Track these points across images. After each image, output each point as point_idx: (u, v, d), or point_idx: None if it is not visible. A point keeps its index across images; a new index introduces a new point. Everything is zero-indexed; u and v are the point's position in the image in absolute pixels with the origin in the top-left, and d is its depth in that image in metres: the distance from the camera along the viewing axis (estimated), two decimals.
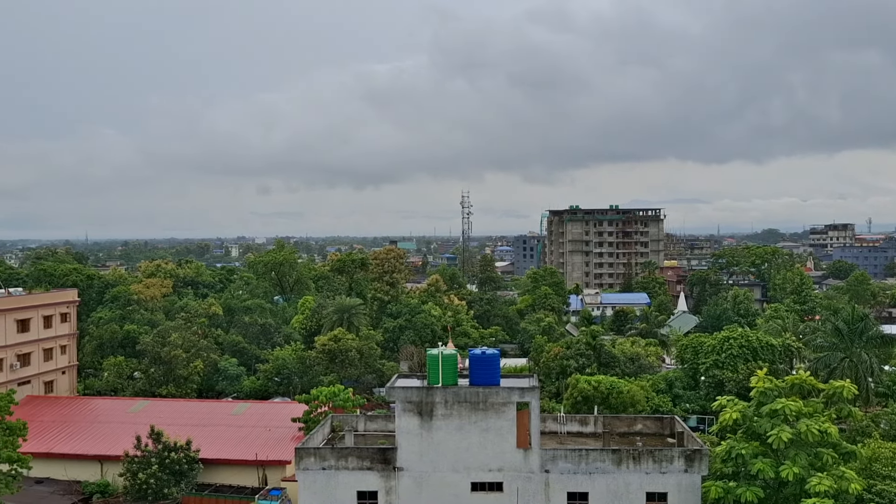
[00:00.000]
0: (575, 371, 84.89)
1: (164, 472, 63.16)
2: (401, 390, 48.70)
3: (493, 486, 47.87)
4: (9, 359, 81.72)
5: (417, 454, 47.96)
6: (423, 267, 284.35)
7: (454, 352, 50.72)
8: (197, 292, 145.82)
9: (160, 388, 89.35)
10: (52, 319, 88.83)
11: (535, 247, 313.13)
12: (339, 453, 48.76)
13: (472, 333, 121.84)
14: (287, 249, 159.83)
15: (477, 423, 47.73)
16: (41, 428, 71.45)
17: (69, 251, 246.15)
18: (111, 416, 77.33)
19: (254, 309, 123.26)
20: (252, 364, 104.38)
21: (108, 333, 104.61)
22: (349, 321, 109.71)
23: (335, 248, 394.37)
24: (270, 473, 66.27)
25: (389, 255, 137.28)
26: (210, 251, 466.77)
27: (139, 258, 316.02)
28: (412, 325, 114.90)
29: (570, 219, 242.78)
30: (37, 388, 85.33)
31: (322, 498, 48.21)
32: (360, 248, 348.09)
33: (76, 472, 68.74)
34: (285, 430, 71.12)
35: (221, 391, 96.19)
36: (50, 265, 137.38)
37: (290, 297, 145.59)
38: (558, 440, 54.35)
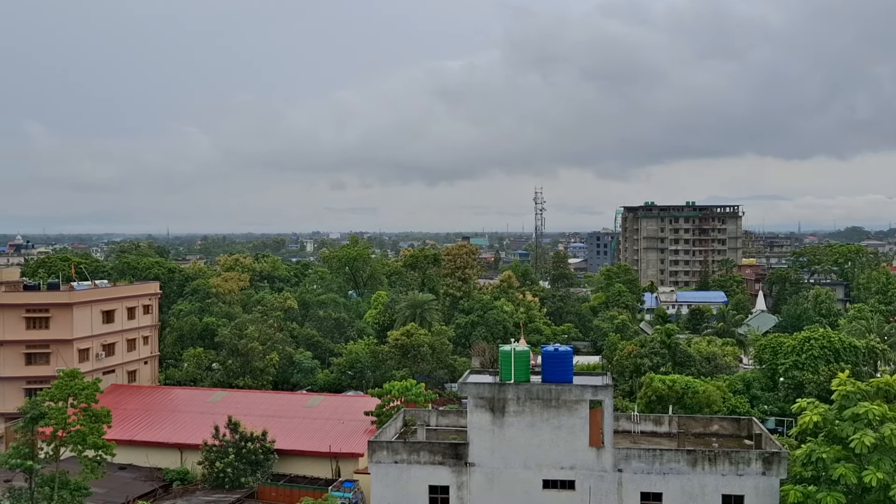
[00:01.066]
0: (649, 370, 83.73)
1: (241, 461, 64.58)
2: (473, 386, 48.75)
3: (564, 483, 47.57)
4: (95, 348, 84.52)
5: (489, 450, 47.95)
6: (495, 263, 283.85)
7: (526, 348, 50.53)
8: (273, 286, 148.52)
9: (237, 379, 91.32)
10: (135, 311, 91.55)
11: (609, 243, 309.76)
12: (412, 447, 49.08)
13: (544, 330, 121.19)
14: (361, 245, 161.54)
15: (549, 420, 47.48)
16: (124, 416, 73.75)
17: (151, 245, 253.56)
18: (190, 405, 79.38)
19: (328, 303, 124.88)
20: (326, 357, 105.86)
21: (188, 325, 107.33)
22: (421, 316, 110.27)
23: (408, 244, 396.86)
24: (343, 465, 67.14)
25: (462, 251, 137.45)
26: (286, 246, 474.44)
27: (218, 252, 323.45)
28: (484, 321, 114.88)
29: (645, 215, 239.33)
30: (121, 378, 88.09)
31: (394, 491, 48.61)
32: (433, 243, 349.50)
33: (157, 459, 70.78)
34: (358, 423, 71.94)
35: (296, 384, 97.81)
36: (133, 258, 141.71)
37: (363, 291, 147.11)
38: (632, 439, 53.69)
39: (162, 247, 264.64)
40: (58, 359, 79.73)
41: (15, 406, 71.66)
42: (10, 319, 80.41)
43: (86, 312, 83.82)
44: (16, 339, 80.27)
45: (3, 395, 79.44)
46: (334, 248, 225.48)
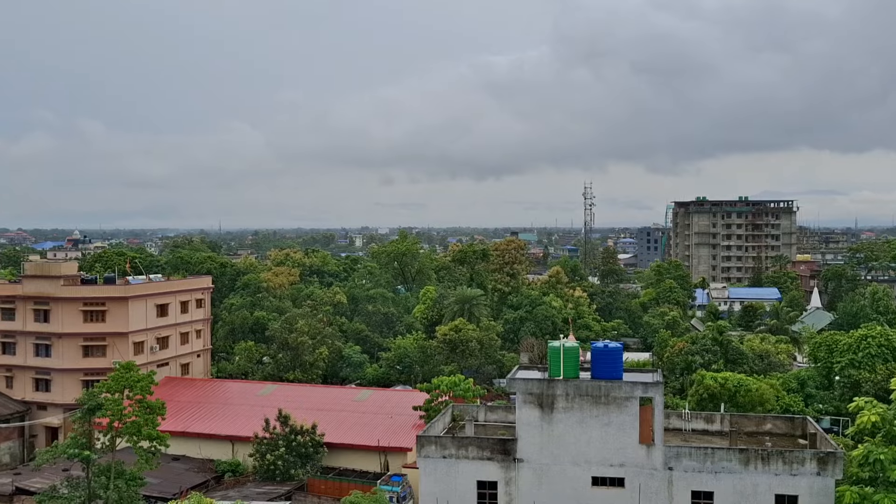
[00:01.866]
0: (700, 367, 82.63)
1: (291, 454, 65.28)
2: (521, 382, 48.66)
3: (614, 481, 47.26)
4: (149, 341, 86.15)
5: (538, 446, 47.83)
6: (543, 258, 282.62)
7: (576, 344, 50.25)
8: (322, 281, 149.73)
9: (287, 373, 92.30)
10: (188, 305, 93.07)
11: (660, 239, 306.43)
12: (460, 442, 49.17)
13: (593, 326, 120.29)
14: (409, 240, 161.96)
15: (598, 416, 47.19)
16: (178, 408, 75.02)
17: (204, 240, 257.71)
18: (242, 398, 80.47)
19: (377, 298, 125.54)
20: (375, 352, 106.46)
21: (240, 319, 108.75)
22: (470, 312, 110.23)
23: (456, 239, 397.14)
24: (392, 459, 67.47)
25: (510, 247, 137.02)
26: (335, 241, 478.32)
27: (268, 247, 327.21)
28: (533, 316, 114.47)
29: (697, 210, 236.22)
30: (174, 370, 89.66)
31: (442, 486, 48.75)
32: (482, 238, 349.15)
33: (209, 450, 71.91)
34: (406, 417, 72.21)
35: (345, 377, 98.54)
36: (186, 253, 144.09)
37: (411, 286, 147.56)
38: (682, 437, 53.11)
39: (214, 242, 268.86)
40: (114, 351, 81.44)
41: (73, 397, 73.45)
42: (68, 312, 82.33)
43: (140, 306, 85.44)
44: (74, 331, 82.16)
45: (62, 387, 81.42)
46: (383, 243, 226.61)
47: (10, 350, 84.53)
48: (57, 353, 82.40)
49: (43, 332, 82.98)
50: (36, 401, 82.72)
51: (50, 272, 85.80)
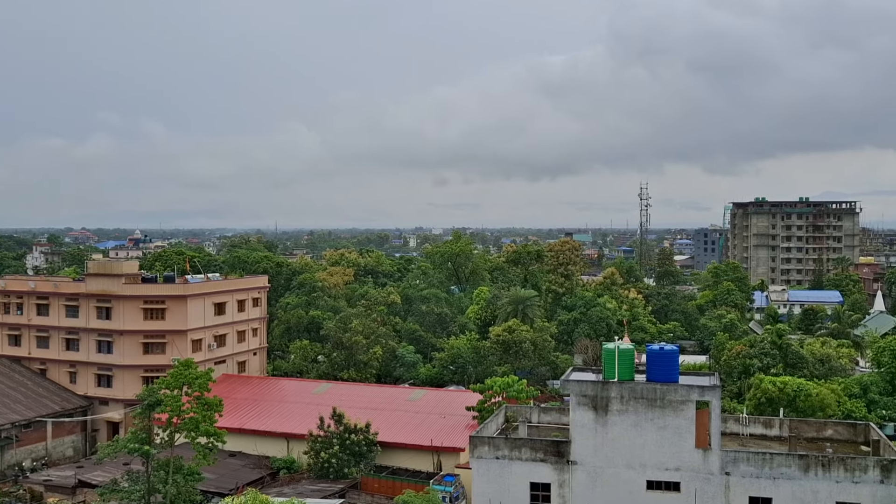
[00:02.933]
0: (759, 371, 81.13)
1: (345, 452, 65.79)
2: (575, 384, 48.32)
3: (669, 485, 46.65)
4: (207, 339, 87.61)
5: (592, 449, 47.44)
6: (598, 259, 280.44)
7: (631, 346, 49.75)
8: (377, 281, 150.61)
9: (342, 371, 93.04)
10: (245, 304, 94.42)
11: (717, 240, 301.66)
12: (513, 444, 49.01)
13: (648, 328, 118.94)
14: (463, 240, 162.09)
15: (654, 420, 46.62)
16: (234, 405, 76.15)
17: (260, 240, 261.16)
18: (297, 396, 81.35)
19: (430, 298, 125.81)
20: (428, 352, 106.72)
21: (295, 318, 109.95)
22: (523, 312, 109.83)
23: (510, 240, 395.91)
24: (445, 459, 67.56)
25: (565, 247, 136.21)
26: (389, 241, 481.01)
27: (324, 247, 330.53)
28: (587, 318, 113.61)
29: (756, 211, 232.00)
30: (231, 368, 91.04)
31: (495, 487, 48.64)
32: (536, 239, 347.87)
33: (265, 447, 72.85)
34: (459, 417, 72.24)
35: (399, 377, 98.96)
36: (243, 252, 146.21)
37: (465, 287, 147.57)
38: (740, 442, 52.20)
39: (270, 241, 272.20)
40: (173, 349, 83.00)
41: (133, 393, 75.01)
42: (129, 310, 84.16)
43: (199, 304, 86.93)
44: (135, 328, 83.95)
45: (123, 383, 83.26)
46: (437, 243, 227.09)
47: (74, 346, 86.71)
48: (118, 349, 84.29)
49: (105, 329, 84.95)
50: (98, 396, 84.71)
51: (112, 271, 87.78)
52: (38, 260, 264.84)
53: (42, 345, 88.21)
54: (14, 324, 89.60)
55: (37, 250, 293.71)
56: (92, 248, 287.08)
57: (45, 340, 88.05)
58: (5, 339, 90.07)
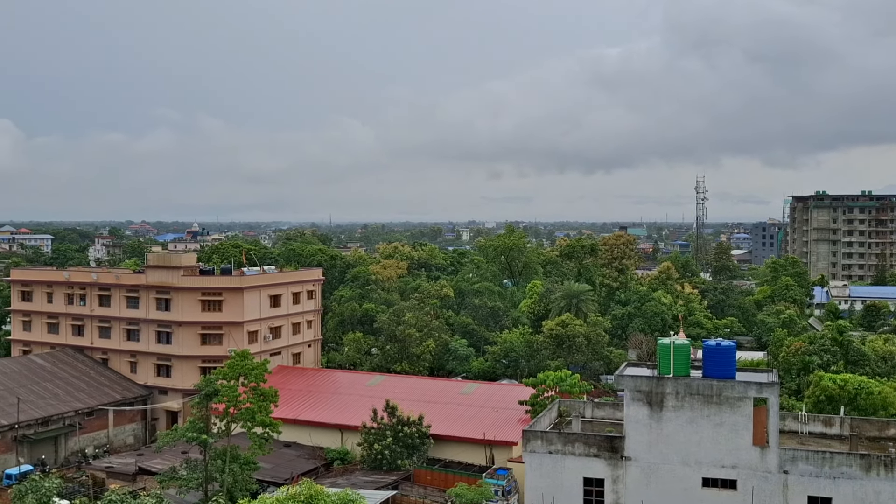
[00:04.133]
0: (818, 368, 79.43)
1: (398, 444, 66.15)
2: (630, 379, 47.91)
3: (725, 483, 46.02)
4: (263, 331, 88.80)
5: (646, 444, 47.00)
6: (653, 254, 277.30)
7: (686, 342, 49.12)
8: (430, 274, 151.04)
9: (395, 364, 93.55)
10: (300, 296, 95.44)
11: (776, 235, 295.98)
12: (566, 438, 48.79)
13: (704, 324, 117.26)
14: (516, 234, 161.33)
15: (710, 416, 45.99)
16: (289, 396, 77.08)
17: (315, 233, 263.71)
18: (350, 388, 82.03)
19: (483, 292, 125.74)
20: (481, 345, 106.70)
21: (349, 311, 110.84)
22: (577, 307, 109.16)
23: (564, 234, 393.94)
24: (497, 453, 67.50)
25: (619, 241, 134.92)
26: (442, 235, 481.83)
27: (377, 240, 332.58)
28: (641, 312, 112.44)
29: (816, 205, 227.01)
30: (286, 359, 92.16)
31: (548, 481, 48.50)
32: (590, 233, 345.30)
33: (319, 438, 73.63)
34: (512, 411, 72.11)
35: (451, 370, 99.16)
36: (298, 246, 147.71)
37: (518, 281, 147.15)
38: (798, 440, 51.22)
39: (325, 235, 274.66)
40: (229, 340, 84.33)
41: (192, 383, 76.43)
42: (187, 302, 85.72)
43: (255, 296, 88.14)
44: (193, 320, 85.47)
45: (182, 373, 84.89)
46: (490, 237, 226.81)
47: (135, 337, 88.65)
48: (177, 340, 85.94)
49: (164, 321, 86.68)
50: (157, 385, 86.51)
51: (171, 263, 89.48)
52: (100, 252, 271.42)
53: (104, 335, 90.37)
54: (77, 314, 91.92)
55: (99, 243, 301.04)
56: (151, 241, 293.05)
57: (107, 331, 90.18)
58: (69, 329, 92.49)
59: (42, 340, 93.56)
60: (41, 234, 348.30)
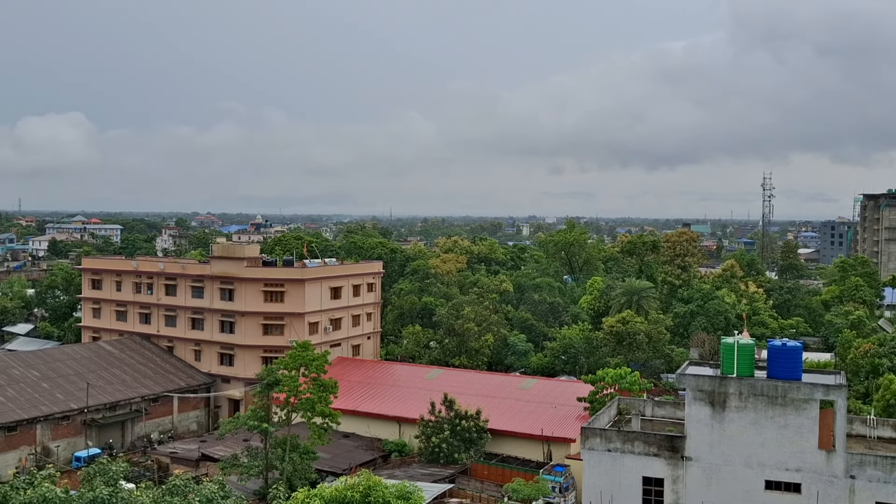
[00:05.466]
0: (888, 371, 77.11)
1: (456, 438, 66.26)
2: (692, 378, 47.18)
3: (789, 486, 45.03)
4: (323, 322, 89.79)
5: (707, 445, 46.25)
6: (717, 251, 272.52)
7: (751, 341, 48.17)
8: (489, 269, 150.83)
9: (453, 358, 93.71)
10: (360, 289, 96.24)
11: (845, 233, 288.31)
12: (626, 437, 48.30)
13: (769, 323, 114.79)
14: (577, 229, 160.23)
15: (774, 418, 45.03)
16: (348, 387, 77.80)
17: (375, 226, 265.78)
18: (409, 381, 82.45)
19: (543, 287, 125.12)
20: (540, 341, 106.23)
21: (408, 304, 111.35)
22: (638, 304, 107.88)
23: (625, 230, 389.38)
24: (555, 449, 67.18)
25: (682, 238, 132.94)
26: (502, 229, 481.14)
27: (437, 234, 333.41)
28: (704, 311, 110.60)
29: (889, 204, 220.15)
30: (345, 351, 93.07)
31: (606, 479, 48.08)
32: (652, 230, 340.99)
33: (377, 430, 74.19)
34: (570, 408, 71.69)
35: (510, 365, 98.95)
36: (359, 238, 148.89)
37: (578, 277, 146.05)
38: (867, 445, 49.83)
39: (385, 228, 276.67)
40: (291, 330, 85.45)
41: (254, 372, 77.72)
42: (250, 292, 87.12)
43: (316, 288, 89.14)
44: (255, 310, 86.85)
45: (244, 362, 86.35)
46: (550, 232, 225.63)
47: (199, 326, 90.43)
48: (240, 330, 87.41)
49: (227, 310, 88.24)
50: (220, 374, 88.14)
51: (235, 254, 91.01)
52: (166, 242, 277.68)
53: (170, 323, 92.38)
54: (145, 303, 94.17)
55: (166, 233, 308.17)
56: (216, 232, 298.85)
57: (173, 319, 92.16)
58: (137, 317, 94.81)
59: (111, 327, 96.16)
60: (111, 224, 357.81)
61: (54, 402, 74.09)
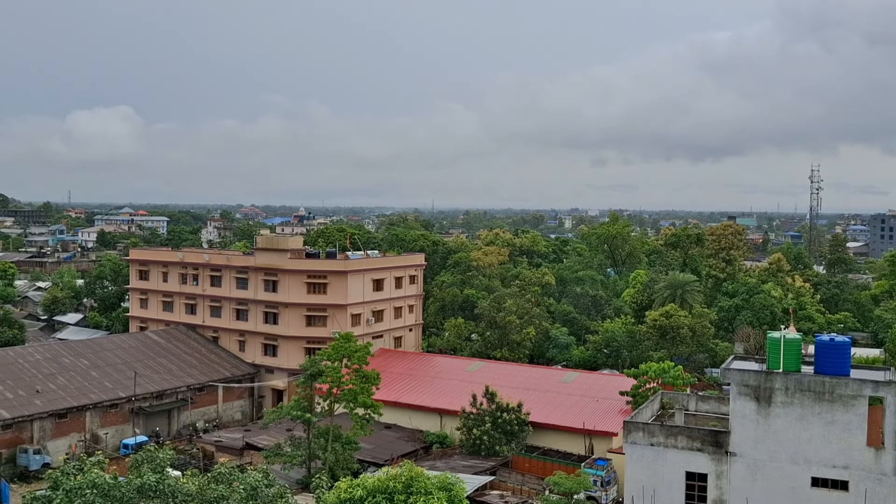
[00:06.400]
0: None
1: (497, 430, 66.29)
2: (737, 373, 46.59)
3: (836, 483, 44.28)
4: (365, 314, 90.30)
5: (752, 441, 45.67)
6: (763, 245, 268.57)
7: (798, 336, 47.40)
8: (531, 261, 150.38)
9: (494, 350, 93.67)
10: (402, 281, 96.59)
11: None
12: (669, 431, 47.90)
13: (816, 318, 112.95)
14: (620, 222, 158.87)
15: (821, 414, 44.31)
16: (390, 379, 78.19)
17: (417, 218, 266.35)
18: (450, 373, 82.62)
19: (585, 280, 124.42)
20: (582, 334, 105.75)
21: (450, 296, 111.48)
22: (682, 297, 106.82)
23: (669, 223, 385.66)
24: (596, 443, 66.90)
25: (727, 231, 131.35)
26: (544, 222, 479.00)
27: (479, 226, 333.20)
28: (749, 305, 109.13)
29: None
30: (387, 343, 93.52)
31: (649, 474, 47.73)
32: (696, 222, 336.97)
33: (419, 421, 74.50)
34: (612, 402, 71.30)
35: (551, 358, 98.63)
36: (401, 231, 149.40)
37: (621, 270, 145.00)
38: None
39: (427, 220, 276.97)
40: (333, 322, 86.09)
41: (297, 363, 78.53)
42: (294, 284, 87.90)
43: (358, 280, 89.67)
44: (299, 301, 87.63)
45: (287, 353, 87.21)
46: (593, 224, 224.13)
47: (243, 316, 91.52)
48: (283, 321, 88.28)
49: (271, 301, 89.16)
50: (264, 364, 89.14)
51: (278, 246, 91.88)
52: (211, 234, 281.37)
53: (215, 314, 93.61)
54: (190, 293, 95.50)
55: (211, 225, 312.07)
56: (260, 224, 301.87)
57: (218, 310, 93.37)
58: (183, 307, 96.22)
59: (157, 318, 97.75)
60: (158, 216, 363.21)
61: (103, 390, 75.56)
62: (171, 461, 37.30)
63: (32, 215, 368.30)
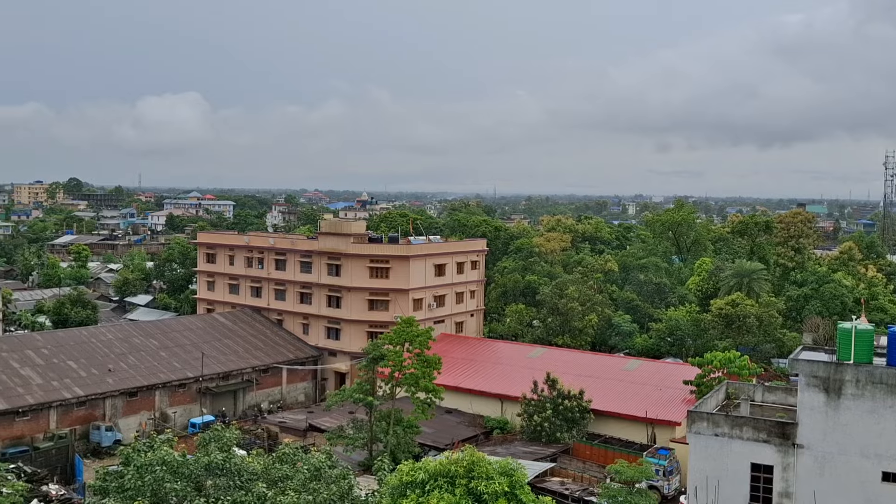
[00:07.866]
0: None
1: (558, 417, 66.11)
2: (806, 364, 45.51)
3: None
4: (427, 299, 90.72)
5: (821, 433, 44.61)
6: (834, 233, 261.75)
7: (870, 327, 46.07)
8: (594, 248, 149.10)
9: (556, 337, 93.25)
10: (463, 266, 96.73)
11: None
12: (734, 422, 47.07)
13: (889, 309, 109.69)
14: (686, 209, 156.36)
15: (893, 408, 43.05)
16: (451, 364, 78.47)
17: (479, 204, 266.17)
18: (511, 359, 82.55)
19: (649, 267, 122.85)
20: (645, 322, 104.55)
21: (511, 282, 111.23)
22: (748, 286, 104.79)
23: (736, 210, 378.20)
24: (659, 432, 66.23)
25: (796, 219, 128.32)
26: (607, 208, 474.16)
27: (541, 212, 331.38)
28: (819, 294, 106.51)
29: None
30: (449, 328, 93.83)
31: (713, 464, 47.01)
32: (764, 210, 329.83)
33: (479, 406, 74.68)
34: (676, 391, 70.47)
35: (614, 346, 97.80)
36: (463, 216, 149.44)
37: (686, 257, 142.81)
38: None
39: (489, 206, 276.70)
40: (395, 306, 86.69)
41: (359, 346, 79.31)
42: (356, 268, 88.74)
43: (420, 265, 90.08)
44: (361, 286, 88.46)
45: (350, 336, 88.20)
46: (657, 211, 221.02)
47: (307, 300, 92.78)
48: (346, 305, 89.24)
49: (334, 285, 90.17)
50: (327, 347, 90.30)
51: (342, 230, 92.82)
52: (276, 219, 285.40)
53: (280, 297, 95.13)
54: (256, 277, 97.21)
55: (275, 209, 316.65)
56: (323, 209, 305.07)
57: (283, 293, 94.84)
58: (248, 290, 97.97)
59: (224, 300, 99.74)
60: (224, 200, 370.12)
61: (172, 370, 77.49)
62: (237, 441, 38.10)
63: (105, 199, 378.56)
